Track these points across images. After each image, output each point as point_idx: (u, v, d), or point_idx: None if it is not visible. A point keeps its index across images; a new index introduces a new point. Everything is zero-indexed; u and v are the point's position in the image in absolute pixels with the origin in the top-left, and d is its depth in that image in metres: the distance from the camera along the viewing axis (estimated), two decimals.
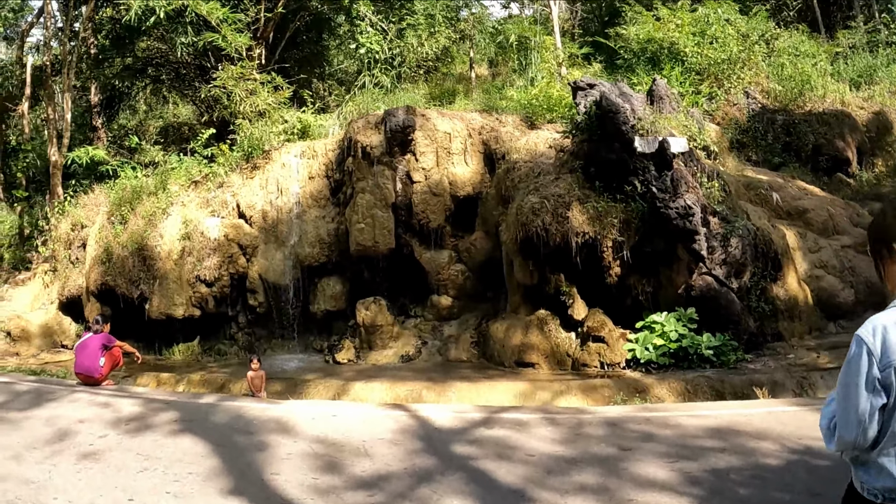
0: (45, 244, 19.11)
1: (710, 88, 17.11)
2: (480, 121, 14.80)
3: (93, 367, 10.97)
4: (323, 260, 14.91)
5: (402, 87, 18.85)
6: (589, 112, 12.75)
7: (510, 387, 10.62)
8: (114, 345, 11.36)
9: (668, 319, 11.57)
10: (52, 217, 18.94)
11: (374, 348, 13.98)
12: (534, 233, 11.92)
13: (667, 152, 11.91)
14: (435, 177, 14.14)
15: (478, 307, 14.42)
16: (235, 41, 17.75)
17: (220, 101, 17.75)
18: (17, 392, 9.93)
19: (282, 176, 15.53)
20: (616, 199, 12.07)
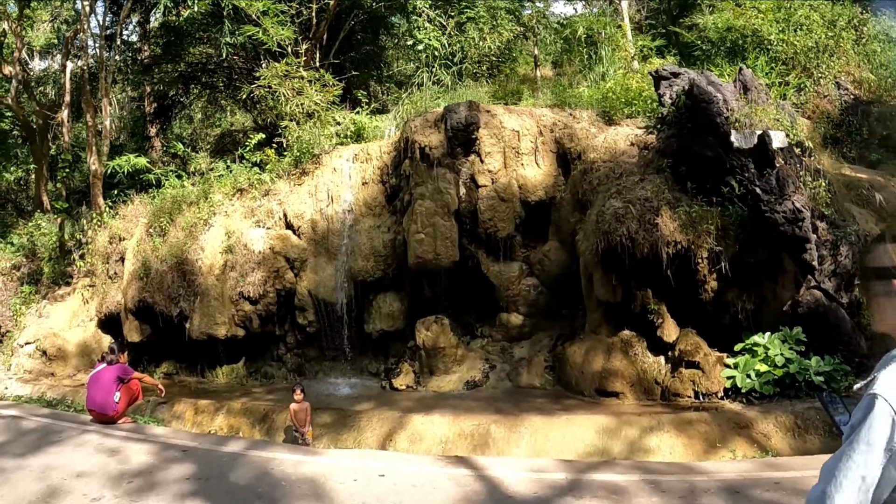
0: (83, 258, 18.81)
1: (798, 79, 15.96)
2: (552, 117, 13.93)
3: (106, 404, 10.34)
4: (378, 274, 14.18)
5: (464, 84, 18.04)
6: (677, 103, 11.81)
7: (592, 422, 9.82)
8: (131, 377, 10.72)
9: (772, 341, 10.57)
10: (90, 229, 18.63)
11: (435, 373, 13.20)
12: (617, 242, 11.01)
13: (768, 147, 10.93)
14: (502, 180, 13.29)
15: (552, 326, 13.58)
16: (277, 34, 17.18)
17: (265, 102, 17.18)
18: (22, 430, 9.39)
19: (333, 182, 14.87)
20: (712, 203, 11.10)
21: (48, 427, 9.81)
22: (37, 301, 19.51)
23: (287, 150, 16.27)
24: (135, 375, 10.87)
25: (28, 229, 21.05)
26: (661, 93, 12.39)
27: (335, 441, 10.82)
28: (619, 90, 14.88)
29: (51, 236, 20.31)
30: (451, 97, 15.84)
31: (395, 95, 18.79)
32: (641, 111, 14.23)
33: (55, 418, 10.75)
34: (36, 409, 11.56)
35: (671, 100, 12.09)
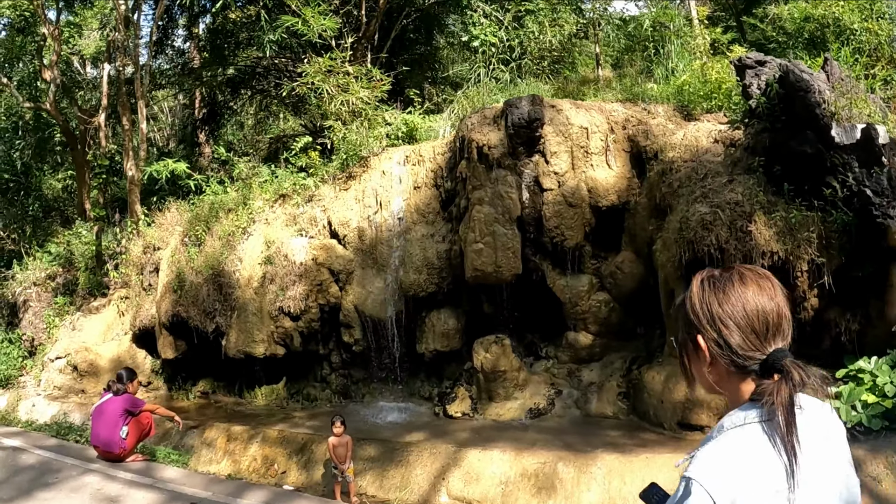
0: (117, 268, 18.36)
1: (885, 71, 14.77)
2: (624, 112, 12.94)
3: (112, 440, 9.59)
4: (432, 289, 13.31)
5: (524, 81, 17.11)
6: (768, 93, 10.72)
7: (673, 462, 8.73)
8: (141, 409, 9.95)
9: (881, 367, 9.47)
10: (124, 238, 18.17)
11: (494, 399, 12.30)
12: (704, 253, 9.99)
13: (875, 143, 9.83)
14: (570, 183, 12.33)
15: (625, 347, 12.62)
16: (318, 24, 16.41)
17: (309, 101, 16.48)
18: (18, 467, 8.71)
19: (381, 186, 14.07)
20: (812, 207, 10.05)
21: (47, 464, 9.13)
22: (71, 313, 19.15)
23: (335, 153, 15.53)
24: (146, 407, 10.11)
25: (65, 238, 20.73)
26: (747, 83, 11.32)
27: (380, 478, 10.02)
28: (696, 83, 13.83)
29: (88, 245, 19.93)
30: (511, 93, 14.92)
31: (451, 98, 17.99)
32: (722, 105, 13.20)
33: (58, 452, 10.08)
34: (42, 440, 10.96)
35: (759, 90, 11.04)
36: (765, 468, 1.93)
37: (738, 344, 2.10)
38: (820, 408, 2.13)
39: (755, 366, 2.08)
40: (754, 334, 2.08)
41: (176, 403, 15.81)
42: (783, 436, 1.93)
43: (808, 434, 1.99)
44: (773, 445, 1.95)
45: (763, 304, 2.11)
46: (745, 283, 2.15)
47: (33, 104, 22.59)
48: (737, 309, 2.11)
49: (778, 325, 2.11)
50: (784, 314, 2.14)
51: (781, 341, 2.11)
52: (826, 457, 2.04)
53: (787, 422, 1.94)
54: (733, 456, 1.96)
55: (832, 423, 2.15)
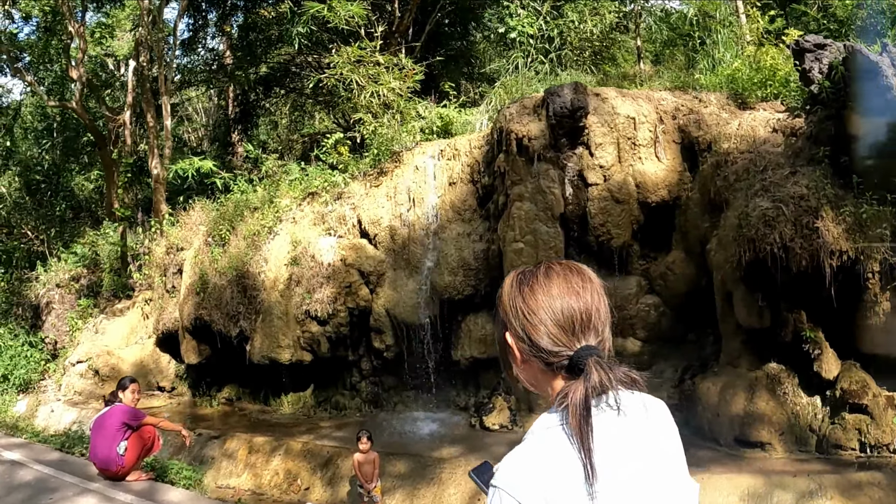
0: (140, 269, 17.90)
1: None
2: (673, 101, 12.19)
3: (109, 457, 8.92)
4: (468, 291, 12.64)
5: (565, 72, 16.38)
6: (833, 77, 9.89)
7: (734, 484, 8.24)
8: (142, 423, 9.24)
9: None
10: (147, 238, 17.71)
11: (535, 410, 11.61)
12: (767, 252, 9.22)
13: None
14: (617, 177, 11.60)
15: (676, 355, 11.85)
16: (344, 10, 15.77)
17: (337, 94, 15.89)
18: (13, 485, 8.18)
19: (414, 182, 13.42)
20: (884, 201, 9.28)
21: (44, 482, 8.55)
22: (94, 315, 18.74)
23: (366, 149, 14.93)
24: (147, 421, 9.38)
25: (89, 238, 20.35)
26: (807, 67, 10.51)
27: (410, 497, 9.41)
28: (748, 70, 13.01)
29: (113, 246, 19.53)
30: (551, 84, 14.19)
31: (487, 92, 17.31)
32: (779, 94, 12.42)
33: (59, 469, 9.48)
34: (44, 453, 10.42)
35: (821, 74, 10.24)
36: (569, 472, 1.84)
37: (543, 341, 2.02)
38: (645, 408, 2.05)
39: (563, 364, 2.00)
40: (560, 331, 2.01)
41: (199, 410, 15.36)
42: (577, 438, 1.85)
43: (618, 436, 1.92)
44: (574, 448, 1.86)
45: (569, 299, 2.03)
46: (551, 278, 2.08)
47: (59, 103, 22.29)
48: (541, 304, 2.03)
49: (586, 321, 2.01)
50: (595, 311, 2.03)
51: (593, 339, 2.01)
52: (643, 460, 1.94)
53: (579, 424, 1.86)
54: (539, 461, 1.88)
55: (658, 425, 2.05)
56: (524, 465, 1.88)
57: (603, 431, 1.88)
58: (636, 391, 2.02)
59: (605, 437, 1.88)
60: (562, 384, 1.99)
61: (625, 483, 1.88)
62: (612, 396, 1.91)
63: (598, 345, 2.01)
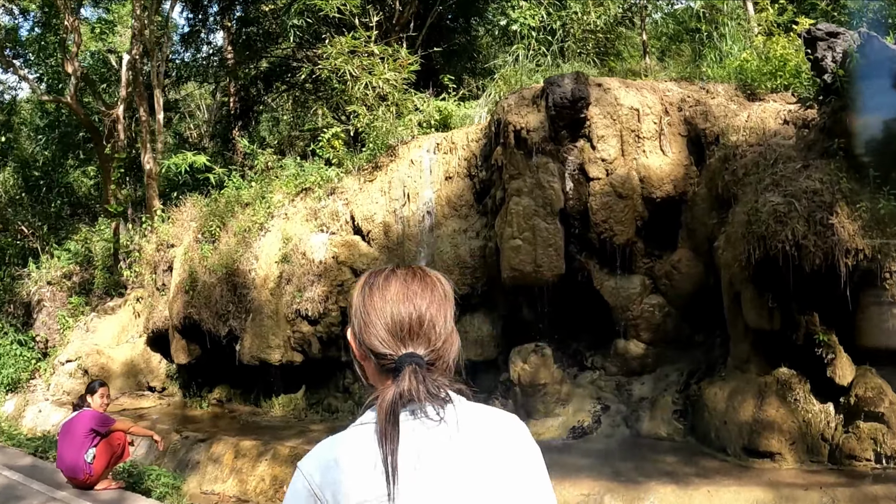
0: (130, 267, 17.38)
1: None
2: (679, 91, 11.58)
3: (77, 464, 8.37)
4: (464, 290, 12.04)
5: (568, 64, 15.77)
6: (847, 65, 9.30)
7: (741, 498, 7.68)
8: (110, 429, 8.68)
9: None
10: (137, 235, 17.20)
11: (533, 415, 11.01)
12: (778, 250, 8.61)
13: None
14: (620, 171, 11.00)
15: (681, 358, 11.26)
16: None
17: (330, 85, 15.31)
18: None
19: (409, 177, 12.86)
20: None
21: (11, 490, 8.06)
22: (86, 314, 18.22)
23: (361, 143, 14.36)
24: (116, 426, 8.82)
25: (82, 235, 19.82)
26: (819, 56, 9.92)
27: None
28: (757, 61, 12.40)
29: (105, 243, 19.02)
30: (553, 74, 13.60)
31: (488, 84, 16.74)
32: (789, 85, 11.80)
33: (29, 475, 8.97)
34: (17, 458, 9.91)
35: (834, 63, 9.66)
36: (369, 471, 1.86)
37: (373, 343, 2.05)
38: (485, 422, 2.05)
39: (391, 367, 2.01)
40: (389, 335, 2.03)
41: (189, 411, 14.88)
42: (381, 439, 1.88)
43: (423, 445, 1.91)
44: (378, 448, 1.89)
45: (402, 305, 2.04)
46: (390, 283, 2.10)
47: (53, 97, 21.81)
48: (376, 307, 2.05)
49: (416, 329, 2.03)
50: (429, 320, 2.04)
51: (422, 347, 2.02)
52: (464, 476, 1.91)
53: (383, 426, 1.88)
54: (343, 452, 1.94)
55: (476, 442, 1.98)
56: (326, 454, 1.95)
57: (409, 438, 1.90)
58: (465, 406, 2.03)
59: (410, 443, 1.89)
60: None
61: (420, 491, 1.87)
62: (432, 407, 1.93)
63: (427, 354, 2.01)
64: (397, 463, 1.84)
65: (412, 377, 1.92)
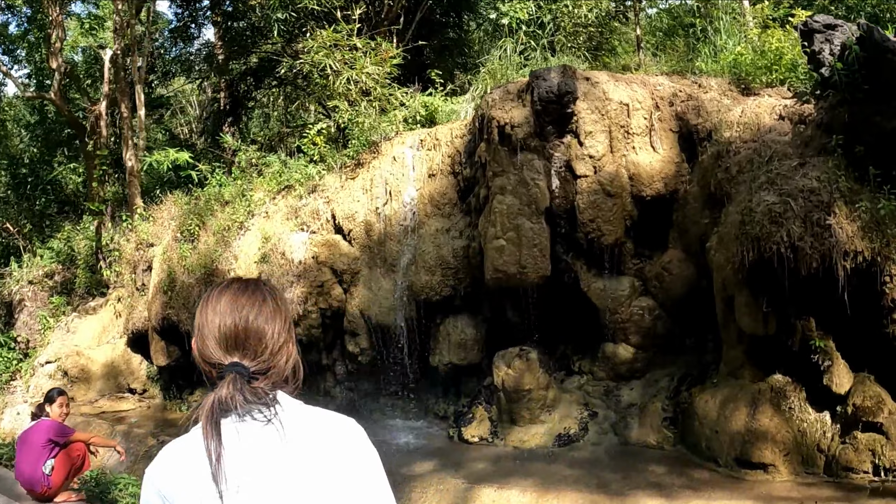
0: (110, 266, 16.85)
1: None
2: (671, 86, 11.06)
3: (34, 477, 7.87)
4: (446, 292, 11.55)
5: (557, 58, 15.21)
6: (845, 58, 8.78)
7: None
8: (70, 439, 8.19)
9: None
10: (117, 234, 16.67)
11: (517, 422, 10.52)
12: (773, 252, 8.10)
13: None
14: (608, 168, 10.48)
15: (672, 362, 10.76)
16: None
17: (312, 80, 14.76)
18: None
19: (392, 174, 12.33)
20: None
21: None
22: (67, 314, 17.68)
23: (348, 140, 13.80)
24: (76, 437, 8.32)
25: (65, 233, 19.27)
26: (816, 49, 9.41)
27: None
28: (752, 55, 11.87)
29: (88, 242, 18.47)
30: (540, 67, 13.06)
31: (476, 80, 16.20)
32: (785, 79, 11.28)
33: None
34: None
35: (832, 56, 9.14)
36: (203, 472, 1.93)
37: (207, 352, 2.12)
38: (315, 424, 2.09)
39: (222, 375, 2.07)
40: (217, 345, 2.10)
41: (169, 414, 14.38)
42: (206, 442, 1.95)
43: (262, 447, 1.98)
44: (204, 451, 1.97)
45: (229, 317, 2.11)
46: (222, 295, 2.17)
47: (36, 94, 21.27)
48: (208, 319, 2.13)
49: (241, 339, 2.10)
50: (255, 332, 2.12)
51: (249, 358, 2.09)
52: (291, 475, 1.97)
53: (204, 432, 1.96)
54: (182, 456, 2.01)
55: (326, 443, 2.05)
56: (169, 459, 2.03)
57: (234, 440, 1.97)
58: (295, 410, 2.08)
59: (237, 445, 1.97)
60: None
61: (250, 491, 1.93)
62: (258, 411, 2.01)
63: (255, 364, 2.08)
64: (224, 464, 1.92)
65: (230, 385, 2.00)
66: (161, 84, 27.46)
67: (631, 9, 20.16)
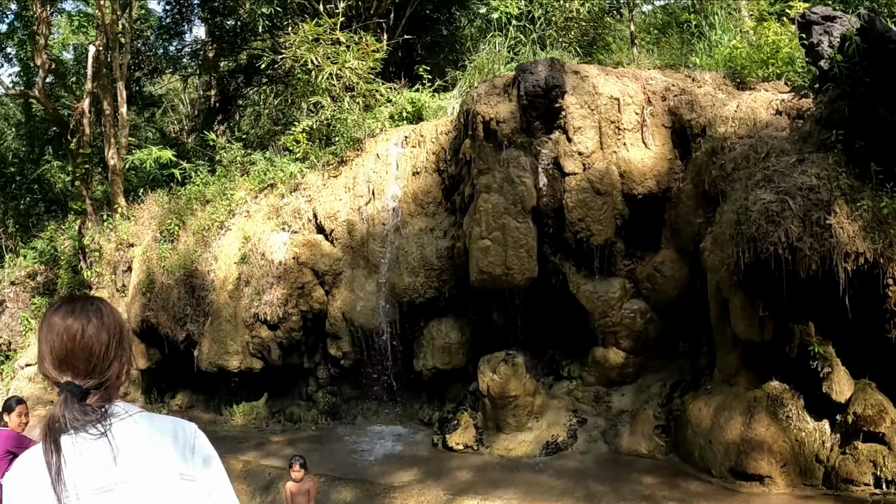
0: (90, 267, 16.30)
1: None
2: (663, 80, 10.55)
3: None
4: (430, 294, 11.04)
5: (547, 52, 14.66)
6: (846, 50, 8.27)
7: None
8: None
9: None
10: (98, 234, 16.12)
11: (503, 429, 10.01)
12: (770, 254, 7.57)
13: None
14: (598, 165, 9.96)
15: (665, 367, 10.26)
16: None
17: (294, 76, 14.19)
18: None
19: (375, 172, 11.82)
20: None
21: None
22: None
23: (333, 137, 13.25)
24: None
25: (48, 233, 18.69)
26: (815, 41, 8.94)
27: None
28: (749, 48, 11.32)
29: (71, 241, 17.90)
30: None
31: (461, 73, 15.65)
32: (782, 74, 10.77)
33: None
34: None
35: (832, 48, 8.64)
36: (45, 483, 1.99)
37: (46, 371, 2.17)
38: (152, 432, 2.14)
39: (60, 392, 2.12)
40: (52, 363, 2.13)
41: None
42: (46, 455, 2.03)
43: (98, 458, 2.05)
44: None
45: (60, 336, 2.13)
46: (55, 313, 2.18)
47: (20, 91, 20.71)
48: (44, 337, 2.16)
49: (70, 358, 2.13)
50: (81, 349, 2.13)
51: (80, 377, 2.11)
52: (127, 482, 2.05)
53: (44, 444, 2.05)
54: (32, 466, 2.06)
55: (162, 448, 2.12)
56: (22, 469, 2.10)
57: (72, 452, 2.04)
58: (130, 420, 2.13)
59: (75, 457, 2.04)
60: None
61: (84, 502, 2.02)
62: (92, 426, 2.07)
63: (86, 382, 2.12)
64: (63, 476, 2.00)
65: (62, 405, 2.07)
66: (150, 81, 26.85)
67: (625, 5, 19.63)
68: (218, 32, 23.05)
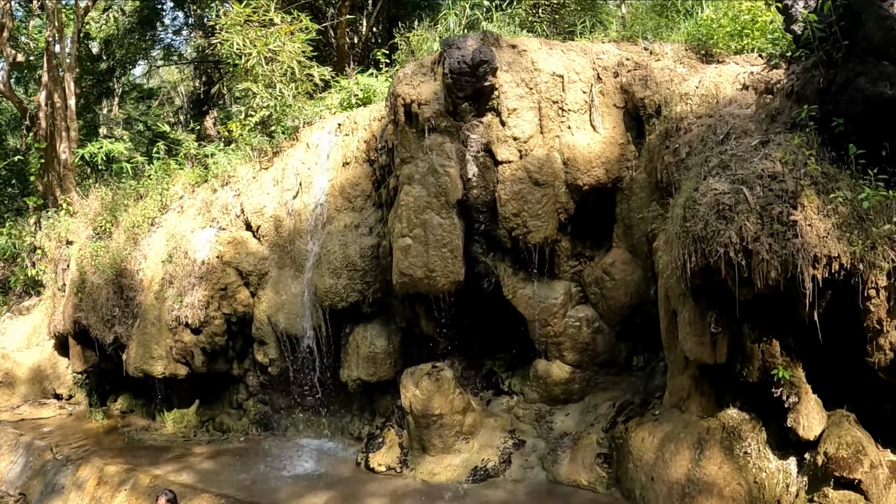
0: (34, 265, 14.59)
1: None
2: (617, 54, 8.60)
3: None
4: (353, 297, 9.18)
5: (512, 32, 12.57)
6: (821, 9, 6.33)
7: None
8: None
9: None
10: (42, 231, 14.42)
11: (428, 450, 8.18)
12: (720, 257, 5.64)
13: None
14: (537, 152, 8.04)
15: (617, 385, 8.40)
16: None
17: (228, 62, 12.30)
18: None
19: (304, 163, 9.98)
20: (892, 183, 5.81)
21: None
22: (2, 313, 15.37)
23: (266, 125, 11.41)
24: None
25: (7, 228, 16.94)
26: (789, 3, 6.94)
27: None
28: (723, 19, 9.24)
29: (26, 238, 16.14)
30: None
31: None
32: (756, 47, 8.72)
33: None
34: None
35: (806, 8, 6.70)
36: None
37: None
38: None
39: None
40: None
41: (85, 424, 12.17)
42: None
43: None
44: None
45: None
46: None
47: None
48: None
49: None
50: None
51: None
52: None
53: None
54: None
55: None
56: None
57: None
58: None
59: None
60: None
61: None
62: None
63: None
64: None
65: None
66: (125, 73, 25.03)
67: None
68: (190, 21, 21.41)
